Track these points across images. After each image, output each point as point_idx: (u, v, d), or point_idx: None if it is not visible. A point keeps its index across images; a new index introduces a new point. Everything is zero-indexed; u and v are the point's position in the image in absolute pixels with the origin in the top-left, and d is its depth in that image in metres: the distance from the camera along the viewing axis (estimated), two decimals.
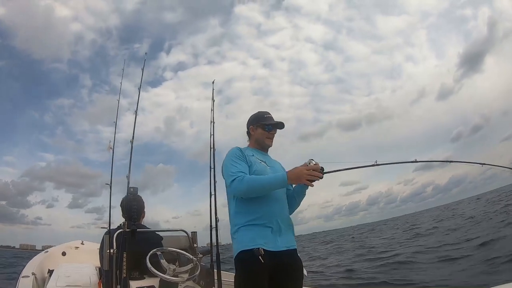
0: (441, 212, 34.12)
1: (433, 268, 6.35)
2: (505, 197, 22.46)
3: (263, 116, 2.13)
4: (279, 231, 1.88)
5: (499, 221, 10.35)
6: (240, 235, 1.85)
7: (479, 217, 13.76)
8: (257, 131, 2.12)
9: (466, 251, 7.09)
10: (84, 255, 4.08)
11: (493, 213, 13.84)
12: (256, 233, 1.81)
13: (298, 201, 2.11)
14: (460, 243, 8.25)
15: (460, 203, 47.17)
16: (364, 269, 7.47)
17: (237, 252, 1.82)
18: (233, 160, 1.94)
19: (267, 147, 2.16)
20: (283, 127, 2.14)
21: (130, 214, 2.49)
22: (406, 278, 5.89)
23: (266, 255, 1.75)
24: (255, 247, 1.75)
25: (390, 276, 6.35)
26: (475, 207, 23.19)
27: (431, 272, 6.02)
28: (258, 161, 2.00)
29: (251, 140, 2.17)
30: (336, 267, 8.62)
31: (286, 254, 1.87)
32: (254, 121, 2.14)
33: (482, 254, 6.43)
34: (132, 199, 2.53)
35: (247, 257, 1.76)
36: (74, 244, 4.44)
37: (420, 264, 6.94)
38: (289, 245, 1.92)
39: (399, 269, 6.82)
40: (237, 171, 1.86)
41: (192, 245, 2.90)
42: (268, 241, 1.81)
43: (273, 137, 2.14)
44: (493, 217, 12.32)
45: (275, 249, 1.81)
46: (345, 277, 7.05)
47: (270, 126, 2.10)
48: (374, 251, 10.61)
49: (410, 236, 13.55)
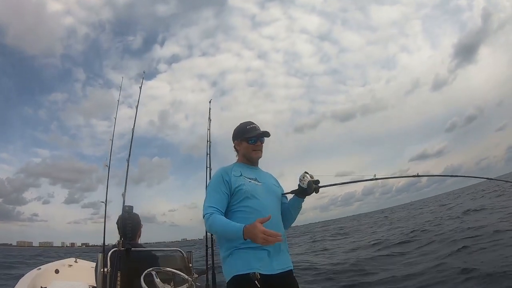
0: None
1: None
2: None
3: (246, 128, 2.01)
4: (276, 253, 1.81)
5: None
6: (234, 258, 1.76)
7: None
8: (242, 146, 2.01)
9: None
10: (78, 273, 4.00)
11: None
12: (252, 256, 1.73)
13: (294, 214, 2.04)
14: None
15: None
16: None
17: (231, 276, 1.73)
18: (212, 189, 1.89)
19: (256, 160, 2.04)
20: (268, 136, 2.01)
21: (125, 232, 2.47)
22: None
23: (262, 279, 1.66)
24: (251, 272, 1.67)
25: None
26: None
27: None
28: (247, 181, 1.90)
29: (239, 155, 2.06)
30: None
31: (282, 277, 1.80)
32: (237, 135, 2.03)
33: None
34: (127, 218, 2.52)
35: (242, 282, 1.68)
36: (67, 262, 4.36)
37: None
38: (285, 267, 1.85)
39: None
40: (209, 205, 1.80)
41: (187, 264, 2.85)
42: (263, 265, 1.73)
43: (260, 148, 2.01)
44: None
45: (271, 273, 1.74)
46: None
47: (254, 138, 1.98)
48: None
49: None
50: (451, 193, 60.04)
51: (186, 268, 2.82)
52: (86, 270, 3.86)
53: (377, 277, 6.12)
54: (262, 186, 1.94)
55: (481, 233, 7.61)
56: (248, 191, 1.86)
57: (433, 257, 6.71)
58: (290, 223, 2.05)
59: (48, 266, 4.21)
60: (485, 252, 6.02)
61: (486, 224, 8.64)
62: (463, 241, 7.35)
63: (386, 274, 6.18)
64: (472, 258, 5.84)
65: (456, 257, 6.15)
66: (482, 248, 6.32)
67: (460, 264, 5.47)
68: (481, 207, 13.31)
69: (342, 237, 17.05)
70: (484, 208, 12.82)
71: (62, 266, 4.18)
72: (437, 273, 5.48)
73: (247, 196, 1.84)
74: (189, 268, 2.83)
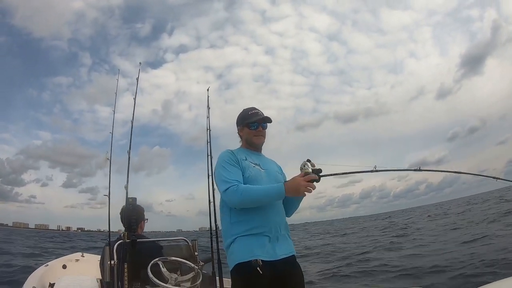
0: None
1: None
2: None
3: (247, 113, 1.99)
4: (277, 239, 1.81)
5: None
6: (236, 247, 1.76)
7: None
8: (244, 131, 2.00)
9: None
10: (85, 267, 4.05)
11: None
12: (253, 244, 1.73)
13: (296, 203, 2.03)
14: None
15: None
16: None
17: (234, 264, 1.74)
18: (226, 165, 1.83)
19: (258, 146, 2.02)
20: (270, 122, 1.99)
21: (130, 224, 2.49)
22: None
23: (265, 265, 1.68)
24: (252, 259, 1.68)
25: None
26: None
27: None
28: (251, 166, 1.89)
29: (242, 141, 2.05)
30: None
31: (285, 263, 1.80)
32: (240, 121, 2.02)
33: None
34: (131, 210, 2.53)
35: (245, 269, 1.69)
36: (74, 257, 4.41)
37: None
38: (288, 252, 1.85)
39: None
40: (231, 178, 1.76)
41: (193, 253, 2.89)
42: (266, 251, 1.74)
43: (262, 134, 1.99)
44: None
45: (273, 259, 1.75)
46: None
47: (256, 123, 1.96)
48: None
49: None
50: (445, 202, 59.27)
51: (192, 257, 2.86)
52: (93, 264, 3.90)
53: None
54: (265, 172, 1.93)
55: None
56: (251, 176, 1.85)
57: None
58: (293, 210, 2.05)
59: (55, 262, 4.25)
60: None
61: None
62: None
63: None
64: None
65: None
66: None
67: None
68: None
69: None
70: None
71: (69, 261, 4.22)
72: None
73: (249, 182, 1.82)
74: (194, 256, 2.87)
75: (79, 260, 4.34)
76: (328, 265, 8.26)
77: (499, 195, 30.57)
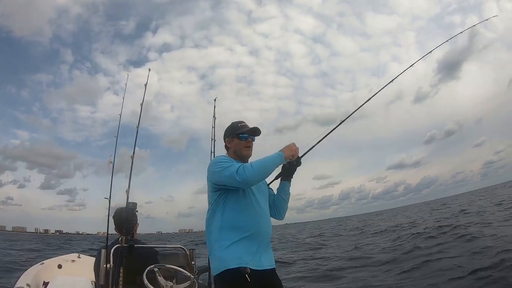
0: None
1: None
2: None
3: (237, 126, 2.05)
4: (264, 249, 1.84)
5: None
6: (225, 252, 1.74)
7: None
8: (234, 142, 2.03)
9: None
10: (80, 268, 4.02)
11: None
12: (243, 251, 1.74)
13: (286, 199, 2.11)
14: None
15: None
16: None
17: (221, 270, 1.72)
18: (225, 159, 1.90)
19: (246, 157, 2.03)
20: (259, 133, 2.04)
21: (128, 229, 2.47)
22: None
23: (251, 274, 1.68)
24: (241, 266, 1.68)
25: None
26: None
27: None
28: None
29: (230, 153, 2.07)
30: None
31: (269, 274, 1.83)
32: (229, 132, 2.07)
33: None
34: (131, 214, 2.52)
35: (233, 276, 1.68)
36: (70, 257, 4.39)
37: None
38: (271, 264, 1.88)
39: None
40: (235, 163, 1.81)
41: (189, 262, 2.86)
42: (253, 259, 1.75)
43: (251, 145, 2.04)
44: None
45: (259, 268, 1.76)
46: None
47: (246, 134, 2.01)
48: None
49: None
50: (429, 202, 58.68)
51: (189, 265, 2.83)
52: (89, 265, 3.86)
53: None
54: (254, 186, 1.94)
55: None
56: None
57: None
58: (284, 211, 2.13)
59: (51, 261, 4.23)
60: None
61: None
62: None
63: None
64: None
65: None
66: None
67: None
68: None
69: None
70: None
71: (65, 261, 4.20)
72: None
73: (240, 193, 1.85)
74: (191, 265, 2.84)
75: (75, 261, 4.32)
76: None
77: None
